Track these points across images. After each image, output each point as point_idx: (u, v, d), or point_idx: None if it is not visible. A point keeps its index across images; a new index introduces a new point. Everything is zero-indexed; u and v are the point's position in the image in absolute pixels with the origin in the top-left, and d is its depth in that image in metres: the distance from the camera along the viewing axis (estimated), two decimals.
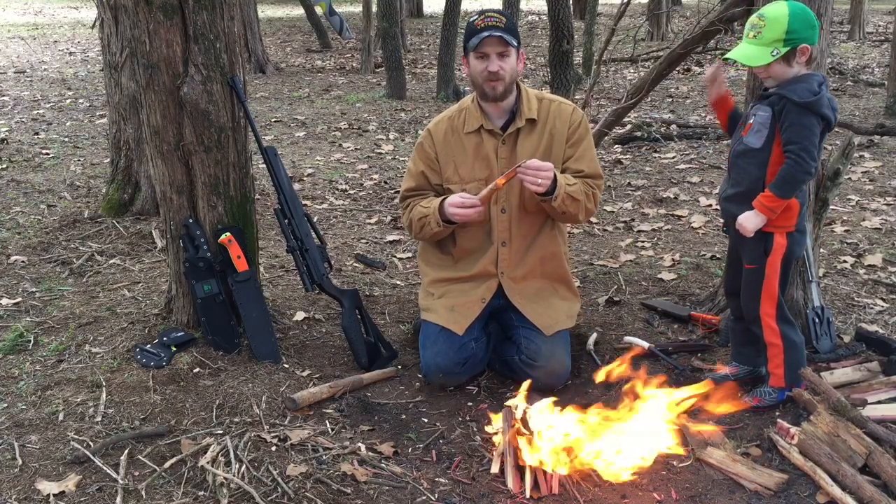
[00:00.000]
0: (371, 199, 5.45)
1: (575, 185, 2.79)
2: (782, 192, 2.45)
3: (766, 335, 2.63)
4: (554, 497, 2.28)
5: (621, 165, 6.29)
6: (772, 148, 2.50)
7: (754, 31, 2.46)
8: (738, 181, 2.61)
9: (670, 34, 13.52)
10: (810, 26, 2.44)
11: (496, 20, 2.76)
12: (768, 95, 2.52)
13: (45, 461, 2.40)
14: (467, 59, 2.84)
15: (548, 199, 2.73)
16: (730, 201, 2.64)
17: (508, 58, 2.77)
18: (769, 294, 2.60)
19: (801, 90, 2.44)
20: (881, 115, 7.68)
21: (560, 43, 7.85)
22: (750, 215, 2.51)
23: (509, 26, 2.76)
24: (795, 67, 2.48)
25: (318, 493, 2.25)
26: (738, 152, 2.60)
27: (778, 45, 2.42)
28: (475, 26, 2.78)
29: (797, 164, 2.42)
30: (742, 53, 2.49)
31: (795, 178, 2.45)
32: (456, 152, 2.91)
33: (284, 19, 20.21)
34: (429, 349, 2.89)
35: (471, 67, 2.83)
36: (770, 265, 2.58)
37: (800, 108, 2.42)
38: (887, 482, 2.19)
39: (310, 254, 3.07)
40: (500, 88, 2.79)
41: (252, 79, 10.90)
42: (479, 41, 2.75)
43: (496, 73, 2.75)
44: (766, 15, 2.44)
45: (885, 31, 15.16)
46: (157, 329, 3.12)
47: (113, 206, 4.80)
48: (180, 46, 2.82)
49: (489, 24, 2.75)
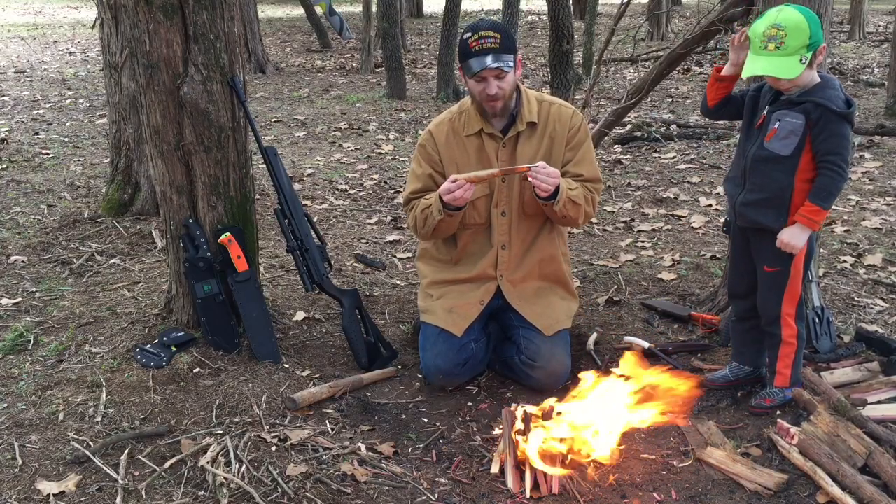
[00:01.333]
0: (371, 199, 5.45)
1: (576, 189, 2.78)
2: (827, 203, 2.45)
3: (786, 335, 2.62)
4: (554, 497, 2.28)
5: (621, 165, 6.29)
6: (801, 156, 2.46)
7: (775, 43, 2.37)
8: (761, 187, 2.54)
9: (670, 34, 13.51)
10: (820, 26, 2.42)
11: (491, 41, 2.67)
12: (799, 102, 2.45)
13: (45, 461, 2.40)
14: (464, 75, 2.78)
15: (550, 202, 2.73)
16: (749, 206, 2.58)
17: (506, 77, 2.72)
18: (792, 294, 2.60)
19: (835, 98, 2.42)
20: (881, 115, 7.68)
21: (560, 43, 7.84)
22: (796, 231, 2.47)
23: (505, 44, 2.68)
24: (815, 70, 2.47)
25: (318, 493, 2.25)
26: (761, 158, 2.52)
27: (804, 51, 2.36)
28: (470, 48, 2.69)
29: (840, 174, 2.42)
30: (774, 67, 2.39)
31: (838, 187, 2.45)
32: (458, 154, 2.90)
33: (284, 19, 20.21)
34: (429, 351, 2.89)
35: (468, 85, 2.78)
36: (795, 266, 2.57)
37: (839, 118, 2.40)
38: (887, 482, 2.19)
39: (310, 254, 3.07)
40: (499, 106, 2.77)
41: (252, 79, 10.90)
42: (477, 70, 2.68)
43: (494, 95, 2.73)
44: (785, 24, 2.36)
45: (885, 31, 15.16)
46: (157, 329, 3.13)
47: (113, 206, 4.80)
48: (180, 46, 2.82)
49: (484, 46, 2.66)
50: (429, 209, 2.82)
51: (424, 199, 2.88)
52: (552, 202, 2.71)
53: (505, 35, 2.70)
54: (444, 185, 2.72)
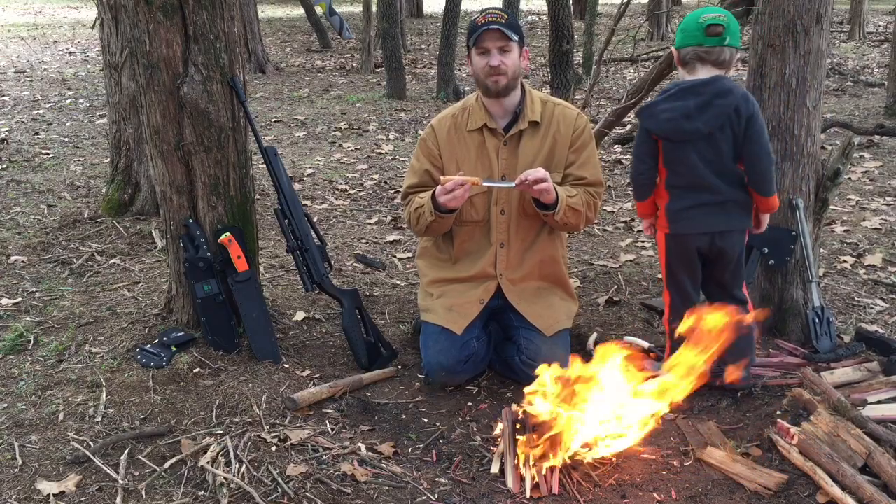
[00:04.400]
0: (371, 199, 5.45)
1: (576, 196, 2.80)
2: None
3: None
4: (554, 497, 2.28)
5: (621, 165, 6.28)
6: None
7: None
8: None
9: (670, 34, 13.51)
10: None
11: (497, 16, 2.78)
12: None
13: (45, 461, 2.40)
14: (471, 58, 2.85)
15: (550, 212, 2.74)
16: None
17: (510, 53, 2.78)
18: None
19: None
20: (881, 115, 7.68)
21: (560, 43, 7.84)
22: None
23: (510, 22, 2.78)
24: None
25: (318, 493, 2.25)
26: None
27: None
28: (476, 23, 2.80)
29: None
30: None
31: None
32: (459, 150, 2.91)
33: (284, 19, 20.21)
34: (431, 348, 2.88)
35: (473, 64, 2.84)
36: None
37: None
38: (887, 482, 2.19)
39: (310, 254, 3.07)
40: (502, 82, 2.79)
41: (252, 79, 10.90)
42: (479, 34, 2.76)
43: (497, 67, 2.76)
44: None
45: (885, 31, 15.15)
46: (157, 329, 3.12)
47: (113, 206, 4.80)
48: (180, 46, 2.82)
49: (490, 19, 2.77)
50: (421, 209, 2.84)
51: (418, 197, 2.89)
52: (552, 212, 2.73)
53: (512, 17, 2.81)
54: (439, 188, 2.73)
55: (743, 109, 2.56)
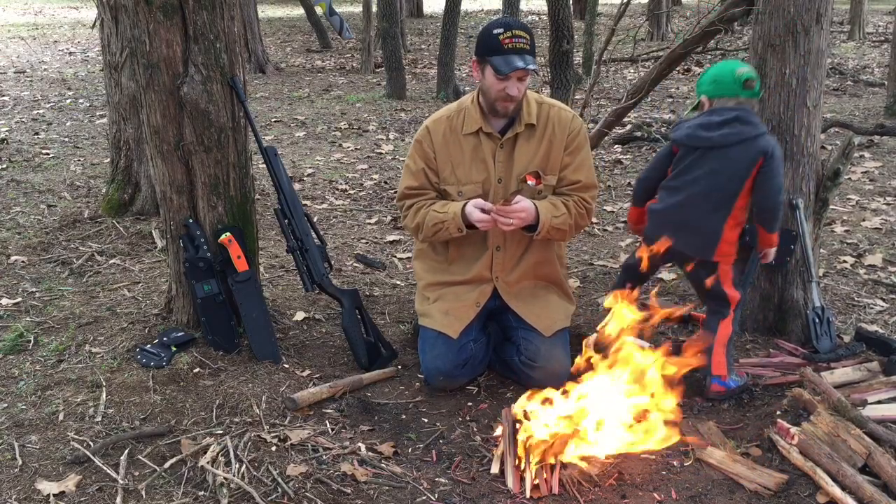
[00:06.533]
0: (371, 199, 5.45)
1: (562, 216, 2.80)
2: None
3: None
4: (554, 497, 2.28)
5: (621, 165, 6.28)
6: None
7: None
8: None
9: (670, 34, 13.52)
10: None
11: (523, 41, 2.66)
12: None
13: (45, 461, 2.40)
14: (480, 67, 2.76)
15: (531, 234, 2.78)
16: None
17: (527, 79, 2.74)
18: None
19: None
20: (881, 115, 7.68)
21: (560, 43, 7.83)
22: None
23: (532, 46, 2.69)
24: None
25: (318, 493, 2.26)
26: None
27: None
28: (502, 44, 2.66)
29: None
30: None
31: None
32: (454, 153, 2.89)
33: (284, 19, 20.21)
34: (428, 353, 2.88)
35: (485, 79, 2.75)
36: None
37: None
38: (887, 482, 2.19)
39: (310, 254, 3.07)
40: (512, 108, 2.78)
41: (252, 79, 10.90)
42: (503, 62, 2.65)
43: (514, 97, 2.73)
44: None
45: (885, 31, 15.16)
46: (157, 329, 3.13)
47: (113, 206, 4.80)
48: (180, 46, 2.82)
49: (517, 46, 2.65)
50: (443, 224, 2.81)
51: (434, 209, 2.85)
52: (533, 234, 2.77)
53: (532, 37, 2.72)
54: (479, 215, 2.72)
55: (762, 142, 2.66)
